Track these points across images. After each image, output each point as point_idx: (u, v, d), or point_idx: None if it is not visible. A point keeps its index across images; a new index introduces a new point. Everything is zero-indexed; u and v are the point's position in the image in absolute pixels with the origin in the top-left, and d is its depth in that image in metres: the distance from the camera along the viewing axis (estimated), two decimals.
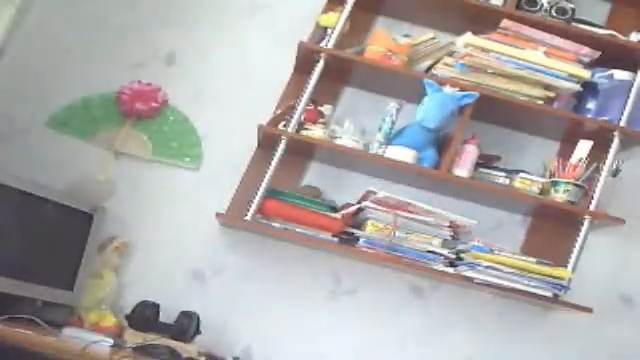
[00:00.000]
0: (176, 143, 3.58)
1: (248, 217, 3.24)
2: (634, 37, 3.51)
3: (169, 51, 3.68)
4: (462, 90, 3.31)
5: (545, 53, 3.38)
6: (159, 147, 3.57)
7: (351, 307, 3.54)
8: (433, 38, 3.54)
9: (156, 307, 3.20)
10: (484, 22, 3.42)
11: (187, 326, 3.15)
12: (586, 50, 3.41)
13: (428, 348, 3.54)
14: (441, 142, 3.39)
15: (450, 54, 3.47)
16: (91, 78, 3.62)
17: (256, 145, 3.54)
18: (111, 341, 2.87)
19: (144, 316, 3.15)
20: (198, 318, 3.19)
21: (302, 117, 3.36)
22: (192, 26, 3.71)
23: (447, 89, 3.31)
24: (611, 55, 3.43)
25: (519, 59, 3.35)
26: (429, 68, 3.52)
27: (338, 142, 3.36)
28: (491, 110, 3.41)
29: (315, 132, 3.35)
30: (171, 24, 3.71)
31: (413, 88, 3.36)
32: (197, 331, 3.19)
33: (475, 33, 3.38)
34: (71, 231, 3.22)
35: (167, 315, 3.22)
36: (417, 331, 3.55)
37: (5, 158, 3.44)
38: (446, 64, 3.45)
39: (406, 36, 3.54)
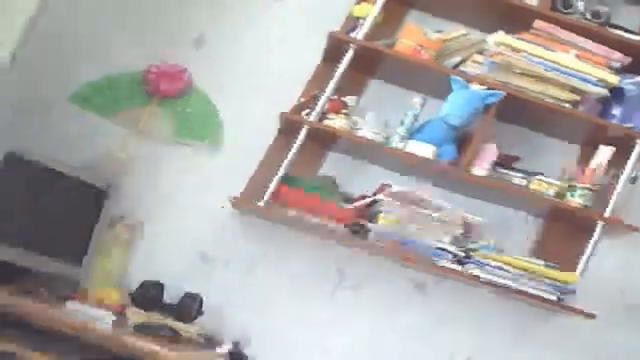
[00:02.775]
0: (197, 125, 3.64)
1: (261, 202, 3.28)
2: None
3: (198, 34, 3.72)
4: (489, 88, 3.32)
5: (576, 56, 3.38)
6: (180, 128, 3.63)
7: (355, 300, 3.59)
8: (464, 34, 3.54)
9: (160, 287, 3.26)
10: (517, 21, 3.42)
11: (189, 307, 3.20)
12: (617, 55, 3.40)
13: (429, 345, 3.58)
14: (461, 139, 3.40)
15: (480, 52, 3.49)
16: (118, 57, 3.67)
17: (277, 132, 3.58)
18: (113, 318, 2.93)
19: (148, 295, 3.21)
20: (201, 300, 3.25)
21: (325, 106, 3.39)
22: (223, 10, 3.75)
23: (474, 86, 3.33)
24: None
25: (549, 61, 3.36)
26: (457, 64, 3.53)
27: (359, 133, 3.38)
28: (515, 110, 3.41)
29: (337, 122, 3.37)
30: (202, 7, 3.74)
31: (439, 84, 3.38)
32: (199, 313, 3.24)
33: (507, 32, 3.38)
34: (84, 206, 3.30)
35: (172, 295, 3.28)
36: (419, 327, 3.59)
37: (27, 131, 3.51)
38: (475, 61, 3.48)
39: (438, 31, 3.54)
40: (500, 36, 3.37)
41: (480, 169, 3.34)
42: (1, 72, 2.79)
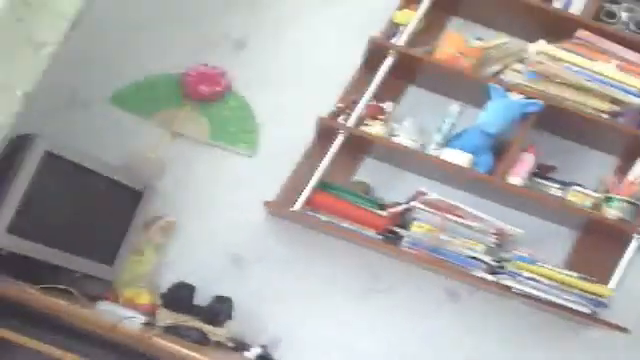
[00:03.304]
0: (234, 128, 3.65)
1: (296, 207, 3.29)
2: None
3: (239, 36, 3.75)
4: (528, 97, 3.31)
5: (618, 67, 3.35)
6: (217, 131, 3.65)
7: (386, 305, 3.58)
8: (505, 43, 3.52)
9: (191, 289, 3.29)
10: (558, 30, 3.42)
11: (219, 310, 3.22)
12: None
13: (457, 354, 3.57)
14: (498, 148, 3.38)
15: (520, 60, 3.46)
16: (158, 58, 3.72)
17: (313, 136, 3.59)
18: (143, 318, 2.96)
19: (178, 297, 3.25)
20: (231, 303, 3.27)
21: (363, 112, 3.39)
22: (264, 13, 3.77)
23: (513, 95, 3.31)
24: None
25: (590, 71, 3.33)
26: (497, 73, 3.50)
27: (395, 140, 3.38)
28: (554, 120, 3.39)
29: (374, 128, 3.38)
30: (243, 10, 3.77)
31: (478, 92, 3.37)
32: (229, 316, 3.25)
33: (548, 41, 3.36)
34: (118, 207, 3.32)
35: (202, 298, 3.30)
36: (448, 335, 3.57)
37: (64, 129, 3.53)
38: (514, 70, 3.46)
39: (478, 39, 3.53)
40: (541, 45, 3.36)
41: (516, 178, 3.33)
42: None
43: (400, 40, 3.44)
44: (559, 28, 3.42)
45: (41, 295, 2.80)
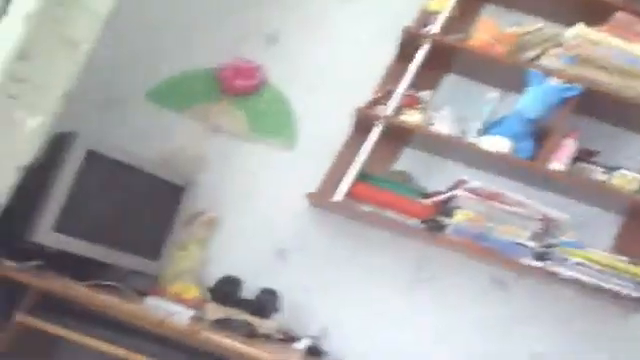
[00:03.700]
0: (272, 121, 3.67)
1: (338, 198, 3.30)
2: None
3: (272, 30, 3.77)
4: (567, 82, 3.29)
5: None
6: (254, 124, 3.67)
7: (431, 294, 3.57)
8: (541, 28, 3.52)
9: (238, 282, 3.28)
10: (595, 14, 3.39)
11: (267, 303, 3.22)
12: None
13: (504, 341, 3.54)
14: (539, 134, 3.36)
15: (557, 45, 3.45)
16: (193, 53, 3.74)
17: (351, 127, 3.58)
18: (191, 313, 2.97)
19: (226, 290, 3.24)
20: (278, 296, 3.27)
21: (400, 102, 3.39)
22: (297, 6, 3.79)
23: (551, 80, 3.30)
24: None
25: (629, 53, 3.30)
26: (534, 58, 3.50)
27: (434, 128, 3.39)
28: (594, 104, 3.37)
29: (412, 117, 3.38)
30: (275, 3, 3.79)
31: (516, 78, 3.37)
32: (276, 308, 3.25)
33: (585, 25, 3.34)
34: (161, 202, 3.35)
35: (248, 291, 3.30)
36: (495, 322, 3.55)
37: (102, 127, 3.59)
38: (552, 55, 3.44)
39: (514, 24, 3.52)
40: (578, 29, 3.33)
41: (559, 164, 3.31)
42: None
43: (434, 28, 3.44)
44: (594, 11, 3.40)
45: (89, 292, 2.82)
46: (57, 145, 2.98)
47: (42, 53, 2.62)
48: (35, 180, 2.81)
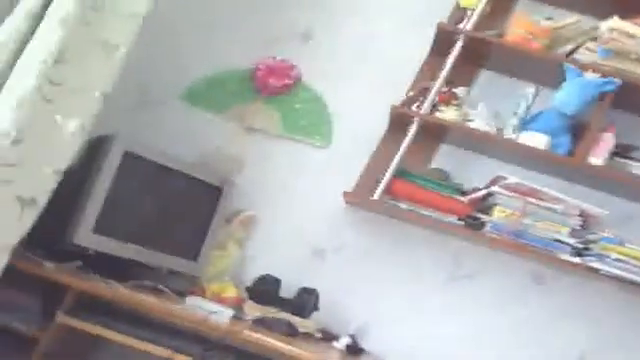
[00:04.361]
0: (307, 120, 3.70)
1: (375, 197, 3.32)
2: None
3: (305, 28, 3.79)
4: (603, 76, 3.27)
5: None
6: (290, 124, 3.69)
7: (469, 291, 3.58)
8: (576, 22, 3.50)
9: (277, 282, 3.32)
10: (630, 6, 3.36)
11: (306, 302, 3.25)
12: None
13: (543, 338, 3.55)
14: (576, 129, 3.36)
15: (593, 39, 3.42)
16: (227, 53, 3.78)
17: (387, 125, 3.60)
18: (231, 312, 3.02)
19: (265, 290, 3.28)
20: (317, 295, 3.29)
21: (436, 98, 3.40)
22: (330, 3, 3.80)
23: (588, 75, 3.28)
24: None
25: None
26: (570, 53, 3.48)
27: (471, 125, 3.39)
28: (632, 98, 3.34)
29: (448, 114, 3.39)
30: (309, 1, 3.81)
31: (552, 73, 3.36)
32: (315, 307, 3.28)
33: (621, 18, 3.33)
34: (199, 203, 3.38)
35: (286, 290, 3.33)
36: (534, 319, 3.55)
37: (138, 128, 3.62)
38: (588, 49, 3.41)
39: (548, 19, 3.51)
40: (614, 22, 3.31)
41: (597, 159, 3.30)
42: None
43: (468, 24, 3.44)
44: (630, 3, 3.37)
45: (130, 292, 2.87)
46: (95, 148, 3.03)
47: (79, 56, 2.67)
48: (74, 182, 2.86)
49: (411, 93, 3.54)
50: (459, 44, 3.41)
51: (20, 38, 2.63)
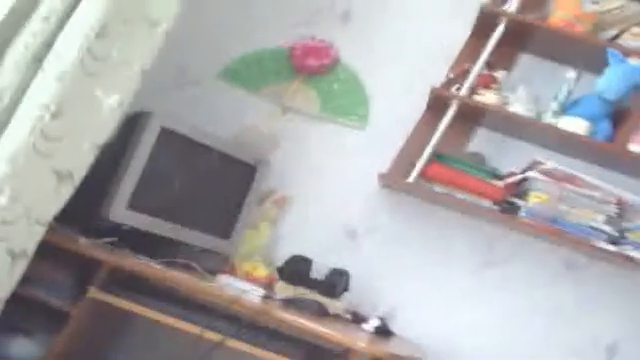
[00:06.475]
0: (344, 101, 3.75)
1: (411, 179, 3.37)
2: None
3: (345, 8, 3.84)
4: None
5: None
6: (327, 104, 3.75)
7: (502, 277, 3.62)
8: (621, 6, 3.50)
9: (308, 262, 3.37)
10: None
11: (336, 283, 3.29)
12: None
13: (573, 326, 3.58)
14: (618, 115, 3.38)
15: (638, 24, 3.45)
16: (266, 32, 3.84)
17: (425, 107, 3.63)
18: (262, 291, 3.10)
19: (296, 270, 3.33)
20: (348, 276, 3.34)
21: (475, 81, 3.44)
22: None
23: (632, 60, 3.30)
24: None
25: None
26: (614, 37, 3.50)
27: (510, 109, 3.42)
28: None
29: (487, 97, 3.43)
30: None
31: (595, 57, 3.37)
32: (345, 289, 3.33)
33: None
34: (234, 181, 3.45)
35: (317, 270, 3.38)
36: (565, 307, 3.59)
37: (176, 106, 3.71)
38: (633, 34, 3.44)
39: (594, 3, 3.52)
40: None
41: (637, 146, 3.31)
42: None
43: (511, 6, 3.46)
44: None
45: (162, 269, 2.96)
46: (132, 124, 3.13)
47: (120, 31, 2.73)
48: (109, 158, 2.96)
49: (451, 75, 3.58)
50: (501, 26, 3.43)
51: (62, 11, 2.69)
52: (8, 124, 2.61)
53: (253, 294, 3.04)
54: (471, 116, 3.54)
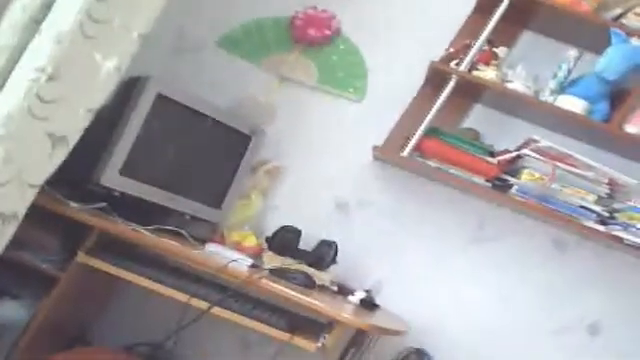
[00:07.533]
0: (343, 73, 3.77)
1: (405, 153, 3.40)
2: None
3: None
4: None
5: None
6: (325, 75, 3.77)
7: (492, 254, 3.68)
8: None
9: (297, 233, 3.42)
10: None
11: (324, 255, 3.35)
12: None
13: (560, 303, 3.65)
14: (616, 96, 3.40)
15: None
16: (267, 1, 3.84)
17: (423, 82, 3.66)
18: (250, 261, 3.14)
19: (284, 240, 3.39)
20: (336, 248, 3.37)
21: (475, 57, 3.46)
22: None
23: (634, 41, 3.31)
24: None
25: None
26: (618, 17, 3.50)
27: (509, 86, 3.44)
28: None
29: (486, 74, 3.44)
30: None
31: (597, 37, 3.39)
32: (333, 261, 3.37)
33: None
34: (228, 151, 3.49)
35: (306, 242, 3.44)
36: (553, 285, 3.65)
37: (174, 73, 3.76)
38: (637, 14, 3.44)
39: None
40: None
41: (634, 127, 3.34)
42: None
43: None
44: None
45: (151, 236, 3.01)
46: (128, 89, 3.16)
47: None
48: (103, 123, 2.97)
49: (451, 50, 3.60)
50: (505, 2, 3.43)
51: None
52: (4, 86, 2.63)
53: (241, 263, 3.08)
54: (469, 92, 3.56)
